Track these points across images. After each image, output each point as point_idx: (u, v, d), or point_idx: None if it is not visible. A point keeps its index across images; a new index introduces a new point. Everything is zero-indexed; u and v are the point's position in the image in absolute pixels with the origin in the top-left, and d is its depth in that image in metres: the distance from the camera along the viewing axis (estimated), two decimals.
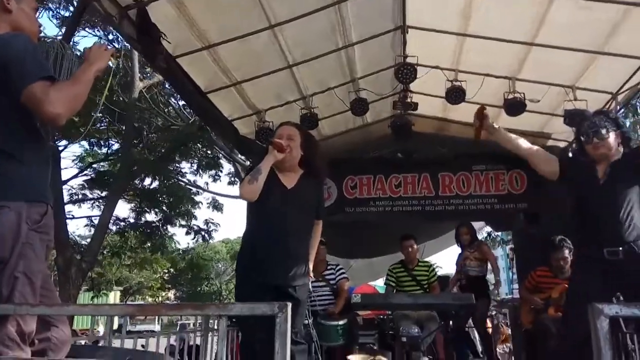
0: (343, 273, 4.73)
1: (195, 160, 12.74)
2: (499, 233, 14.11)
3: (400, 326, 4.20)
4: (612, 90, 4.61)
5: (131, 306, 1.34)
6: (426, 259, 6.01)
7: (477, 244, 5.43)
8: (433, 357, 4.39)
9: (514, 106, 4.63)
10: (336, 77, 4.85)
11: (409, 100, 5.13)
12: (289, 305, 1.16)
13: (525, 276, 4.55)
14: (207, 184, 14.14)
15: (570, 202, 2.81)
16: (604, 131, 2.59)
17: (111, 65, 2.13)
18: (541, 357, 3.88)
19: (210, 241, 16.28)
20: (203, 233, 13.86)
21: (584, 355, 1.25)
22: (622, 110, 9.10)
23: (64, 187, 10.58)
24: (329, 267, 4.71)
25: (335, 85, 4.90)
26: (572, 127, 4.83)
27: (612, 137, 2.60)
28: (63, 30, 9.19)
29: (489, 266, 5.36)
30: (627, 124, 11.65)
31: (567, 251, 3.98)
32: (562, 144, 5.77)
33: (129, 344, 3.26)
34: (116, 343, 3.15)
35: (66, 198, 11.59)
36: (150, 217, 12.99)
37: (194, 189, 13.47)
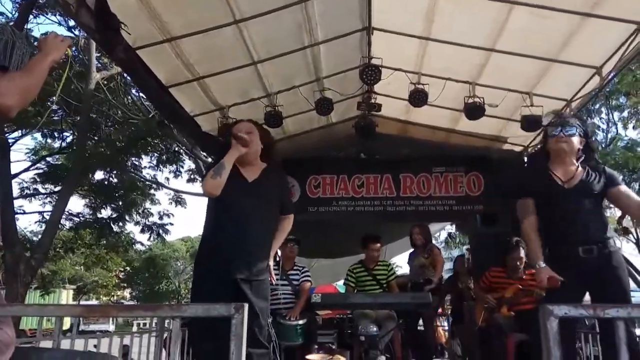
0: (307, 276, 4.72)
1: (155, 155, 12.44)
2: (457, 232, 14.50)
3: (359, 325, 4.23)
4: (567, 97, 4.80)
5: (78, 307, 1.28)
6: (387, 260, 6.09)
7: (429, 248, 5.26)
8: (390, 355, 4.44)
9: (474, 110, 4.74)
10: (301, 76, 4.83)
11: (373, 101, 5.18)
12: (246, 306, 1.13)
13: (481, 276, 4.68)
14: (167, 179, 13.86)
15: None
16: (572, 130, 2.68)
17: (67, 55, 2.03)
18: (494, 354, 3.99)
19: (169, 239, 15.92)
20: (158, 230, 13.57)
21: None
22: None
23: (14, 180, 10.09)
24: (295, 268, 4.69)
25: (300, 84, 4.88)
26: (530, 132, 5.01)
27: (576, 139, 2.69)
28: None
29: None
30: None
31: (522, 251, 4.11)
32: (517, 148, 5.97)
33: (79, 344, 3.13)
34: (66, 344, 3.03)
35: (16, 192, 11.09)
36: (106, 213, 12.60)
37: (153, 185, 13.15)
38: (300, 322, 4.22)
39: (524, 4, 3.70)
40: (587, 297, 2.69)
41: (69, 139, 11.91)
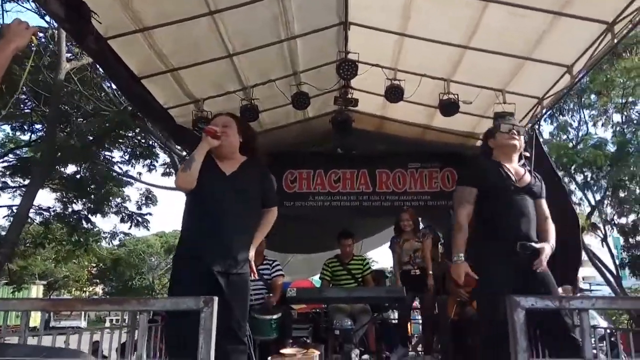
0: (279, 270, 4.70)
1: (128, 149, 12.19)
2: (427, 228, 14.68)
3: (334, 319, 4.24)
4: (539, 95, 4.90)
5: (43, 301, 1.24)
6: (363, 255, 6.13)
7: (424, 234, 5.09)
8: (365, 349, 4.48)
9: (448, 107, 4.80)
10: (278, 70, 4.79)
11: (349, 96, 5.19)
12: (215, 299, 1.11)
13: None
14: (140, 174, 13.61)
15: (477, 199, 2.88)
16: (522, 131, 2.91)
17: (33, 44, 1.96)
18: (466, 347, 4.07)
19: (144, 233, 15.72)
20: (137, 219, 13.32)
21: (503, 345, 1.30)
22: (548, 113, 9.78)
23: None
24: (265, 262, 4.66)
25: (276, 78, 4.84)
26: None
27: (522, 140, 2.90)
28: None
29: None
30: (554, 126, 12.54)
31: None
32: None
33: (47, 341, 3.05)
34: (34, 342, 2.95)
35: None
36: (78, 207, 12.31)
37: (127, 179, 12.90)
38: (275, 316, 4.20)
39: (498, 2, 3.75)
40: None
41: (39, 132, 11.59)
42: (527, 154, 3.02)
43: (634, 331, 3.50)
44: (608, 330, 4.81)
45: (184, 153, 7.99)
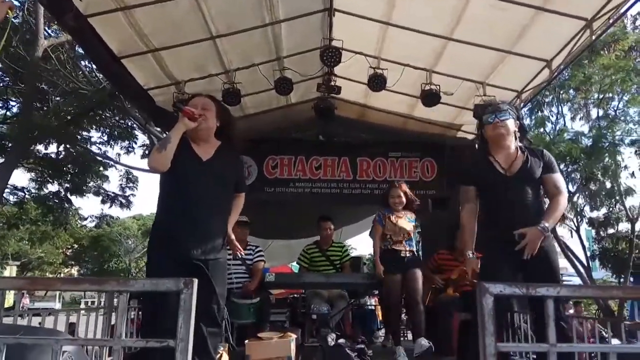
0: (261, 255, 4.73)
1: (107, 130, 11.96)
2: None
3: (312, 304, 4.30)
4: (518, 89, 4.99)
5: (21, 279, 1.24)
6: (342, 242, 6.18)
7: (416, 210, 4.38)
8: (340, 333, 4.56)
9: (430, 97, 4.85)
10: (261, 54, 4.76)
11: (333, 83, 5.18)
12: (195, 281, 1.13)
13: (430, 258, 4.85)
14: (119, 155, 13.40)
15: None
16: (505, 115, 2.79)
17: (9, 18, 1.92)
18: (440, 332, 4.17)
19: (121, 215, 15.51)
20: (120, 199, 13.11)
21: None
22: (526, 107, 9.93)
23: None
24: (248, 248, 4.68)
25: (260, 62, 4.81)
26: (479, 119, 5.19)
27: (511, 122, 2.79)
28: None
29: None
30: (532, 120, 12.74)
31: None
32: (470, 136, 6.16)
33: (22, 323, 3.03)
34: (9, 322, 2.92)
35: None
36: (53, 188, 12.07)
37: (104, 160, 12.67)
38: (254, 300, 4.24)
39: None
40: None
41: (14, 109, 11.29)
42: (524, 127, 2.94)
43: (600, 320, 3.64)
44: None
45: (164, 135, 7.88)
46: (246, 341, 3.52)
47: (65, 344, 1.23)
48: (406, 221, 4.20)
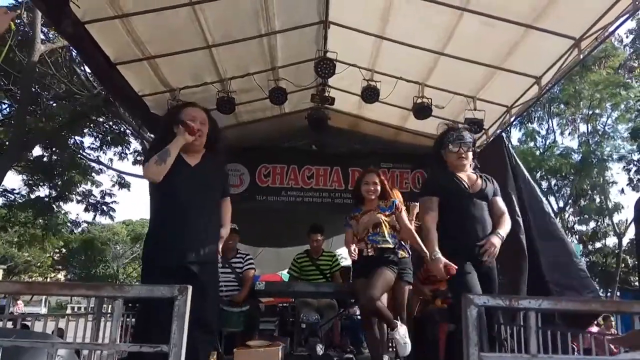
0: (251, 263, 4.74)
1: (100, 135, 11.93)
2: None
3: (301, 313, 4.32)
4: (508, 104, 5.08)
5: (18, 284, 1.26)
6: (333, 251, 6.21)
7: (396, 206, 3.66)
8: (330, 343, 4.57)
9: (422, 110, 4.92)
10: (256, 64, 4.81)
11: (326, 94, 5.26)
12: (189, 288, 1.16)
13: (419, 269, 4.88)
14: (111, 160, 13.35)
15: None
16: (469, 145, 3.09)
17: (10, 28, 1.95)
18: (428, 342, 4.19)
19: (111, 220, 15.41)
20: (102, 208, 13.06)
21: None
22: (516, 121, 10.08)
23: None
24: (238, 255, 4.70)
25: (255, 72, 4.86)
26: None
27: (471, 152, 3.11)
28: None
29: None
30: (521, 134, 12.93)
31: None
32: None
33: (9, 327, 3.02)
34: None
35: None
36: (44, 191, 11.99)
37: (95, 165, 12.63)
38: (243, 309, 4.25)
39: (474, 12, 3.87)
40: None
41: (6, 112, 11.23)
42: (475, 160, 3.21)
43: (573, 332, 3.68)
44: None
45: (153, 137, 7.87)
46: (235, 349, 3.53)
47: (61, 347, 1.25)
48: (375, 213, 3.56)
